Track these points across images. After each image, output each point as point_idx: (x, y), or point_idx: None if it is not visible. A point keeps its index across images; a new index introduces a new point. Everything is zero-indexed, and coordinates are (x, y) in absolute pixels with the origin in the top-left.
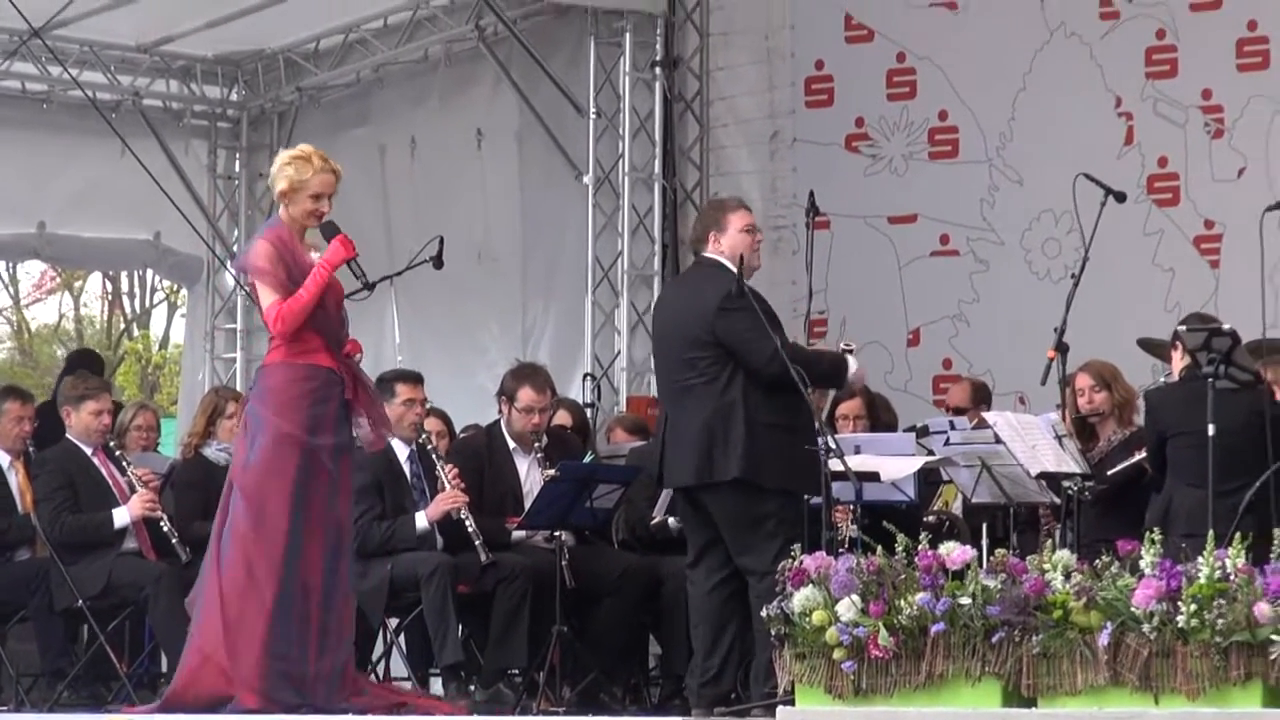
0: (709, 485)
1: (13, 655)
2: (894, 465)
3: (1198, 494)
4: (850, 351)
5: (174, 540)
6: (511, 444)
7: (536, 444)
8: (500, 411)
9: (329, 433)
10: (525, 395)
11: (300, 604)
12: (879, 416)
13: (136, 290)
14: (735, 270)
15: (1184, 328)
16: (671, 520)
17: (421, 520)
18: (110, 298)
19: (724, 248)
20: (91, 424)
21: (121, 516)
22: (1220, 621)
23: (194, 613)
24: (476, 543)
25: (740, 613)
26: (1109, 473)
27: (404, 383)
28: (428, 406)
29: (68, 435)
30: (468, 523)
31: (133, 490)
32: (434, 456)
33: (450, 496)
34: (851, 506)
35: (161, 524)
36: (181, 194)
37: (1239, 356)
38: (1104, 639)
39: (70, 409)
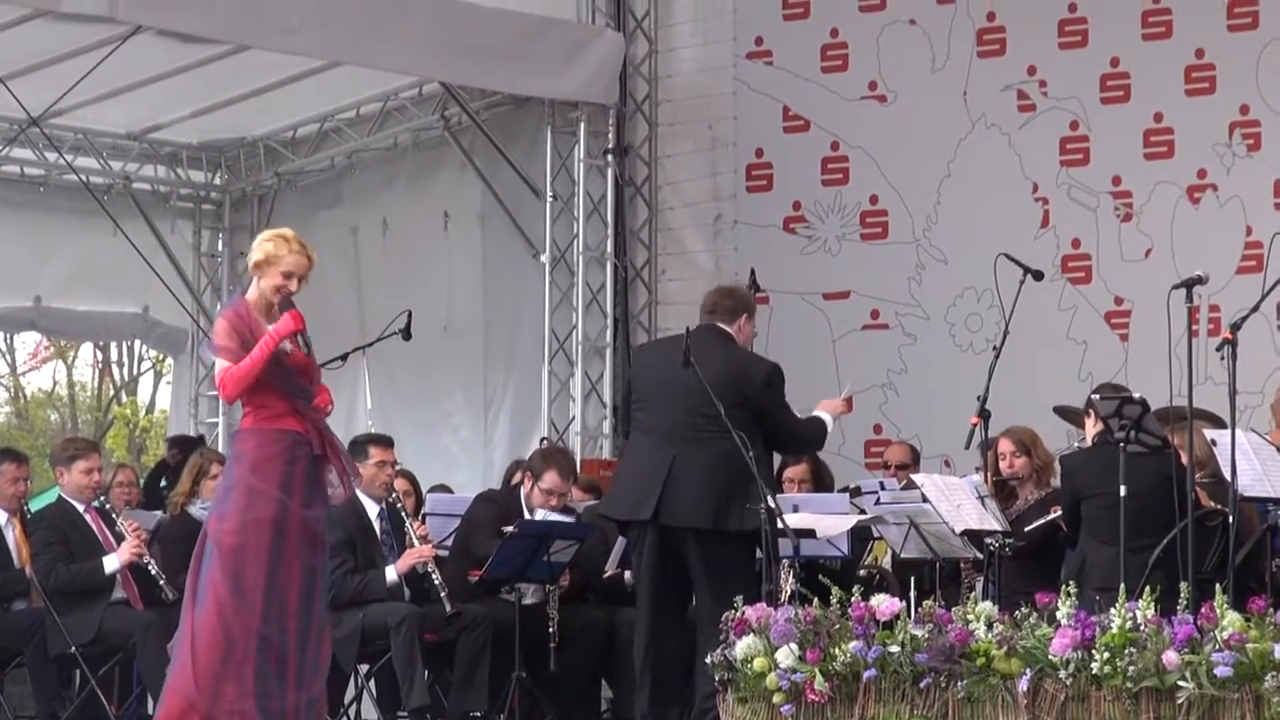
0: (708, 531)
1: (10, 699)
2: (829, 523)
3: (1110, 550)
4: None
5: (161, 581)
6: (527, 514)
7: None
8: (523, 482)
9: (299, 490)
10: (550, 478)
11: (279, 651)
12: (824, 481)
13: (125, 359)
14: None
15: (1097, 396)
16: (628, 575)
17: (391, 573)
18: (101, 366)
19: (745, 332)
20: (83, 481)
21: (111, 562)
22: (1131, 668)
23: (172, 656)
24: (442, 594)
25: (684, 658)
26: (1026, 529)
27: (377, 445)
28: (397, 468)
29: (60, 493)
30: (434, 576)
31: (121, 541)
32: (403, 514)
33: (418, 552)
34: (793, 562)
35: (149, 567)
36: (168, 271)
37: (1148, 423)
38: (1024, 684)
39: (62, 469)
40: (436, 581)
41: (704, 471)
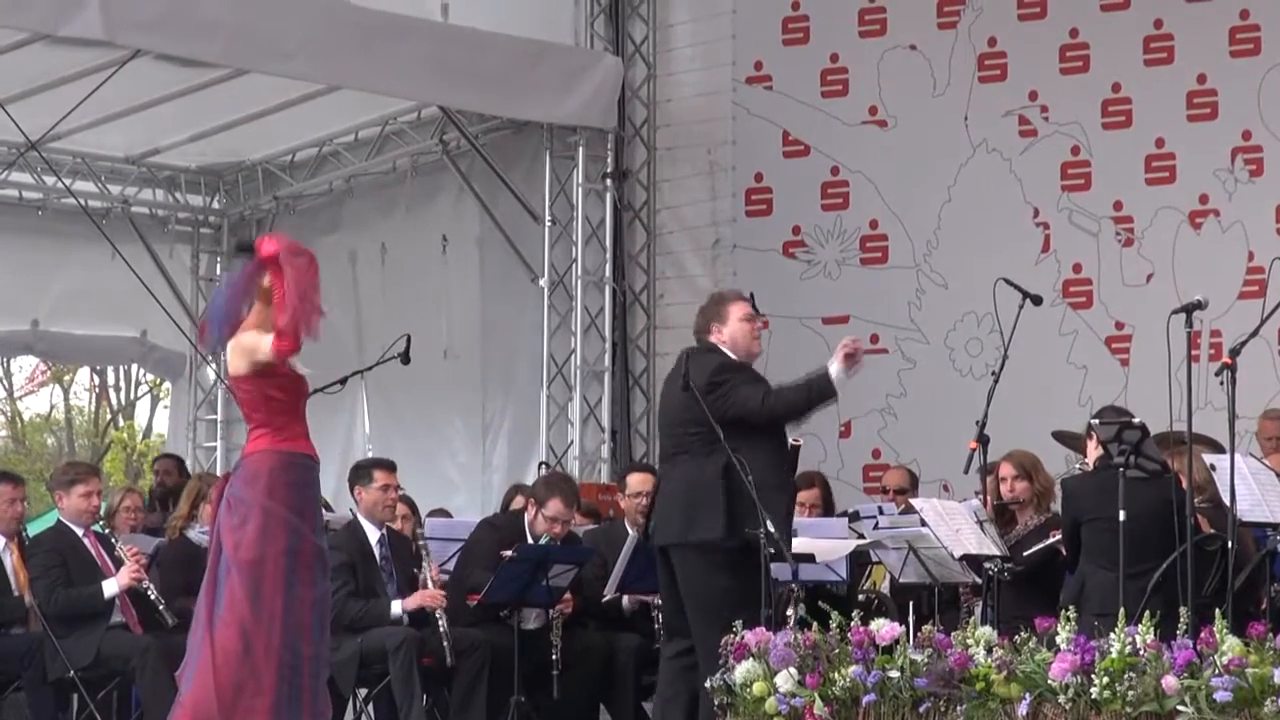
0: (683, 545)
1: None
2: (828, 547)
3: (1110, 575)
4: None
5: (160, 606)
6: (530, 540)
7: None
8: (526, 508)
9: (312, 514)
10: (554, 506)
11: (297, 676)
12: (833, 504)
13: (122, 384)
14: (727, 354)
15: (1097, 421)
16: (626, 600)
17: (396, 608)
18: (98, 390)
19: (725, 337)
20: (82, 505)
21: (111, 587)
22: (1130, 693)
23: (182, 684)
24: (445, 644)
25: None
26: (1025, 554)
27: (381, 469)
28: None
29: (59, 517)
30: (440, 623)
31: (120, 566)
32: (422, 552)
33: (431, 594)
34: (794, 588)
35: (149, 592)
36: (166, 295)
37: (1147, 448)
38: (1023, 709)
39: (62, 492)
40: (443, 628)
41: (675, 488)
